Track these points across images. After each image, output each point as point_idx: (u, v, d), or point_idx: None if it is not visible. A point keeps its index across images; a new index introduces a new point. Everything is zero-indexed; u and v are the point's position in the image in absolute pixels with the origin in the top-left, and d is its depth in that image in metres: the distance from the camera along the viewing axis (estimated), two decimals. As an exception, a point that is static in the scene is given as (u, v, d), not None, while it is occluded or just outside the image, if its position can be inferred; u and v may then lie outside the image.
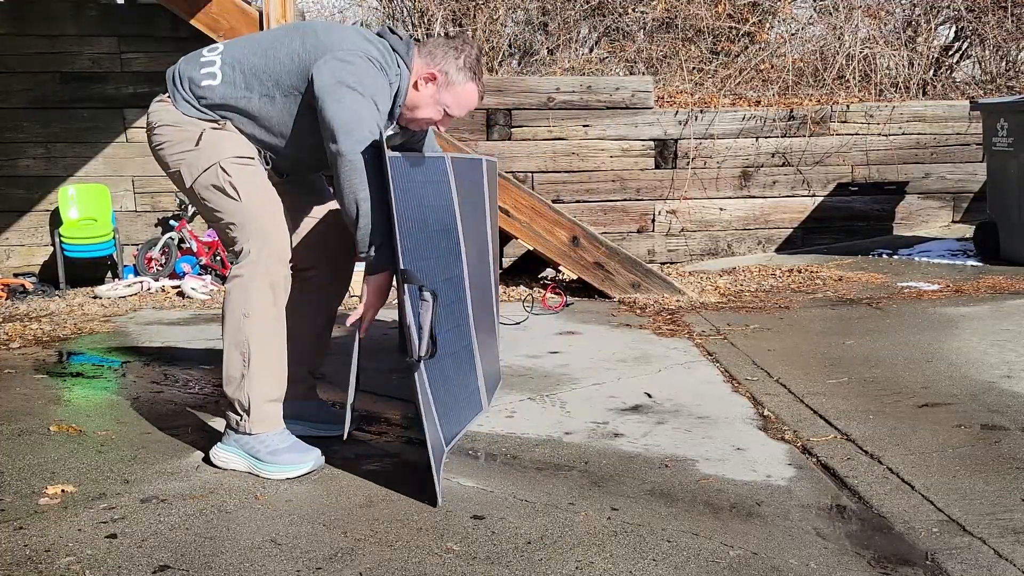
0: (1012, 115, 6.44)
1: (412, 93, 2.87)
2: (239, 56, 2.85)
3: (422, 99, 2.88)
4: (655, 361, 4.32)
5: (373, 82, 2.72)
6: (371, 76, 2.72)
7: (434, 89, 2.86)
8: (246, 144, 2.90)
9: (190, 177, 2.88)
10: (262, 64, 2.81)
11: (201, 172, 2.85)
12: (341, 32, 2.89)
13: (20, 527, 2.47)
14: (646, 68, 8.28)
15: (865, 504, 2.72)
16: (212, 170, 2.84)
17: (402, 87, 2.85)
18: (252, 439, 2.82)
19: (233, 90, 2.83)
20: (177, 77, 2.90)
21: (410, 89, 2.87)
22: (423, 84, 2.86)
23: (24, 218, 6.82)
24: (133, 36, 6.69)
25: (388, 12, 9.44)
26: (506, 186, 5.89)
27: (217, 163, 2.84)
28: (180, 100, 2.87)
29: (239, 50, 2.87)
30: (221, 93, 2.84)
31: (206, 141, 2.84)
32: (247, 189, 2.84)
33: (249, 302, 2.78)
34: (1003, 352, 4.25)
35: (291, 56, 2.79)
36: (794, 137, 7.35)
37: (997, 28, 8.46)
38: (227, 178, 2.83)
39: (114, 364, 4.33)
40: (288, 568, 2.25)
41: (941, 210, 7.63)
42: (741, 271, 6.69)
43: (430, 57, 2.86)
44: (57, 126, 6.73)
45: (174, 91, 2.89)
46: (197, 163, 2.86)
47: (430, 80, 2.85)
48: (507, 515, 2.58)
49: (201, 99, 2.85)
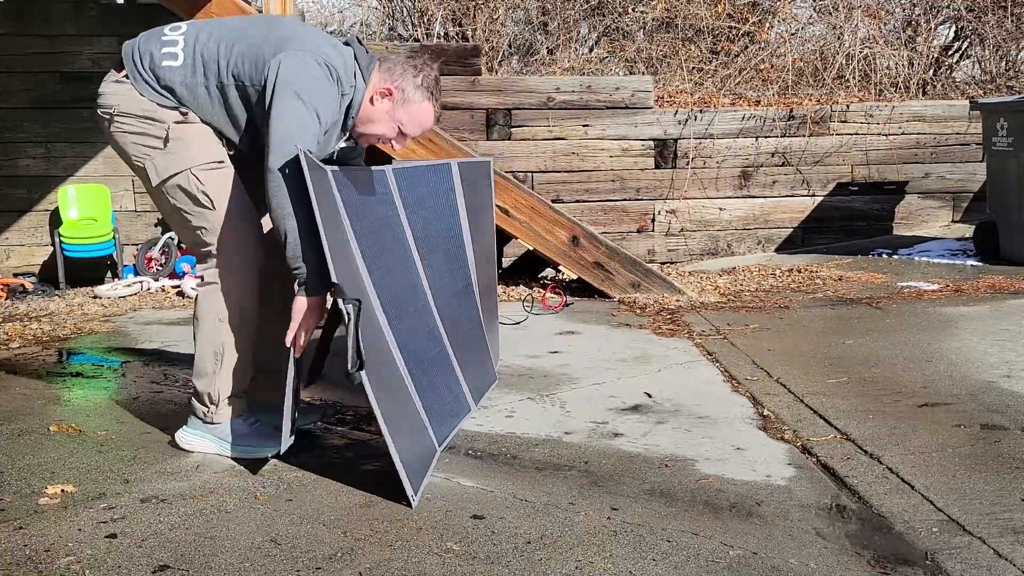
0: (1012, 115, 6.44)
1: (367, 107, 2.84)
2: (202, 39, 2.76)
3: (376, 114, 2.85)
4: (655, 361, 4.32)
5: (321, 91, 2.67)
6: (320, 84, 2.67)
7: (390, 105, 2.84)
8: (214, 142, 2.86)
9: (157, 178, 2.85)
10: (223, 51, 2.74)
11: (171, 176, 2.83)
12: (308, 31, 2.87)
13: (20, 527, 2.47)
14: (646, 68, 8.28)
15: (865, 504, 2.72)
16: (183, 175, 2.82)
17: (356, 99, 2.81)
18: (218, 426, 2.97)
19: (193, 75, 2.75)
20: (136, 54, 2.79)
21: (365, 103, 2.83)
22: (379, 99, 2.84)
23: (24, 218, 6.82)
24: (133, 36, 6.66)
25: (388, 12, 9.45)
26: (506, 186, 5.90)
27: (188, 170, 2.81)
28: (140, 80, 2.77)
29: (203, 32, 2.78)
30: (181, 76, 2.75)
31: (174, 140, 2.79)
32: (219, 196, 2.83)
33: (224, 307, 2.85)
34: (1003, 352, 4.26)
35: (252, 45, 2.72)
36: (794, 137, 7.35)
37: (997, 28, 8.46)
38: (200, 186, 2.82)
39: (114, 364, 4.33)
40: (288, 568, 2.25)
41: (941, 210, 7.63)
42: (741, 271, 6.69)
43: (389, 73, 2.83)
44: (57, 126, 6.73)
45: (133, 70, 2.78)
46: (166, 166, 2.83)
47: (386, 95, 2.83)
48: (507, 515, 2.58)
49: (160, 80, 2.76)
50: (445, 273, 3.50)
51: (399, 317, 2.99)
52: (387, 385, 2.76)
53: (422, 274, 3.28)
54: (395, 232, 3.12)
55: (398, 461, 2.59)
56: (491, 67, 8.17)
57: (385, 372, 2.77)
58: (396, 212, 3.17)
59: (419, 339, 3.12)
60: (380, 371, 2.70)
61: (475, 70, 6.85)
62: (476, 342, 3.72)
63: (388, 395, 2.73)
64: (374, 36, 9.09)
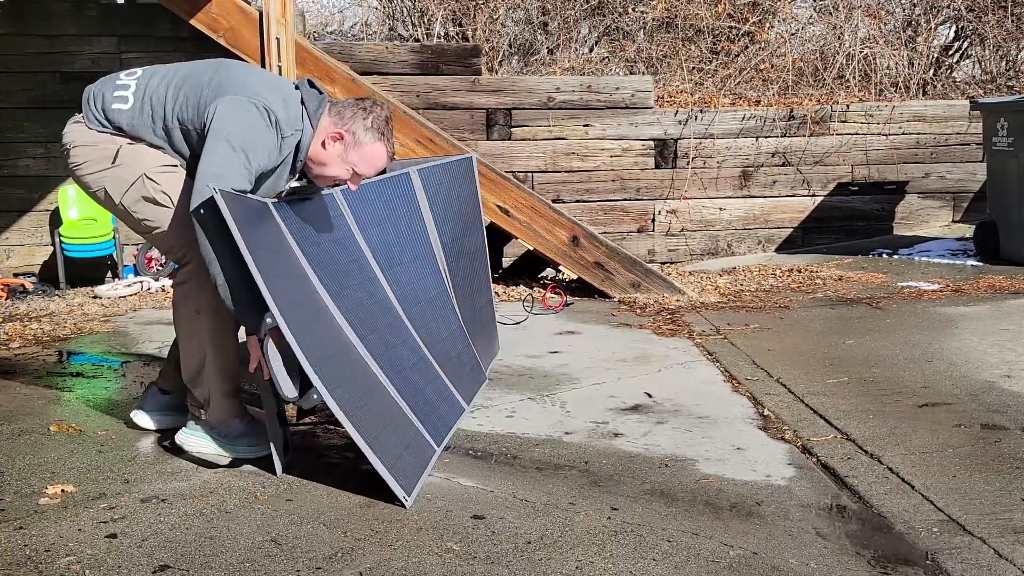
0: (1012, 115, 6.44)
1: (318, 151, 2.90)
2: (152, 84, 2.88)
3: (329, 157, 2.91)
4: (655, 361, 4.32)
5: (251, 134, 2.72)
6: (254, 129, 2.73)
7: (341, 148, 2.89)
8: (165, 154, 2.91)
9: (118, 193, 2.90)
10: (171, 95, 2.84)
11: (128, 187, 2.87)
12: (251, 75, 2.92)
13: (20, 527, 2.47)
14: (646, 68, 8.28)
15: (865, 504, 2.72)
16: (138, 183, 2.86)
17: (304, 141, 2.87)
18: (215, 426, 2.95)
19: (140, 117, 2.86)
20: (92, 97, 2.93)
21: (316, 146, 2.90)
22: (330, 143, 2.89)
23: (24, 218, 6.82)
24: (133, 36, 6.68)
25: (388, 12, 9.44)
26: (506, 186, 5.90)
27: (143, 174, 2.86)
28: (92, 119, 2.90)
29: (154, 78, 2.90)
30: (128, 118, 2.86)
31: (124, 155, 2.87)
32: (177, 193, 2.85)
33: (199, 300, 2.87)
34: (1003, 352, 4.26)
35: (195, 89, 2.82)
36: (794, 137, 7.35)
37: (997, 28, 8.45)
38: (156, 186, 2.86)
39: (114, 364, 4.33)
40: (288, 568, 2.25)
41: (941, 210, 7.63)
42: (741, 271, 6.68)
43: (339, 117, 2.89)
44: (57, 126, 6.57)
45: (87, 110, 2.92)
46: (121, 178, 2.88)
47: (337, 139, 2.89)
48: (507, 515, 2.58)
49: (110, 121, 2.88)
50: (414, 282, 3.55)
51: (372, 331, 3.03)
52: (361, 397, 2.76)
53: (387, 288, 3.32)
54: (351, 252, 3.17)
55: (379, 465, 2.60)
56: (491, 67, 8.17)
57: (357, 386, 2.79)
58: (350, 232, 3.22)
59: (395, 350, 3.17)
60: (346, 386, 2.71)
61: (475, 70, 6.85)
62: (457, 345, 3.74)
63: (364, 406, 2.75)
64: (374, 36, 9.09)
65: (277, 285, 2.59)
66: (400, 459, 2.72)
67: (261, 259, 2.55)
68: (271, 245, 2.71)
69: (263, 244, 2.63)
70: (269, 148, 2.78)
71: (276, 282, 2.59)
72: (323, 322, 2.81)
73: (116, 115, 2.86)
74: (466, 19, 8.56)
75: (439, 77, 6.76)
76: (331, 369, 2.66)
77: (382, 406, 2.85)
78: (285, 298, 2.60)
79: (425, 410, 3.06)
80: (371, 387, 2.86)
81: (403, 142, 5.88)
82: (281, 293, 2.59)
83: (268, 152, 2.78)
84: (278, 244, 2.76)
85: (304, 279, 2.82)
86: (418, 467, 2.79)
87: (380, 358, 2.98)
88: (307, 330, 2.66)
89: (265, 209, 2.75)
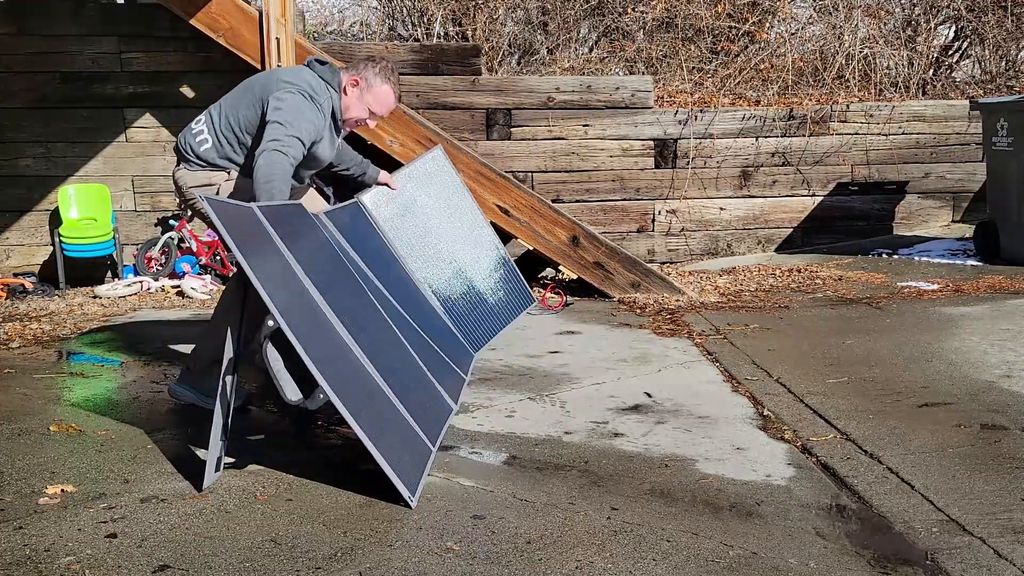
0: (1012, 115, 6.44)
1: (344, 99, 3.58)
2: (215, 120, 3.53)
3: (350, 101, 3.59)
4: (655, 361, 4.32)
5: (301, 118, 3.35)
6: (299, 109, 3.36)
7: (358, 92, 3.58)
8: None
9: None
10: (232, 120, 3.49)
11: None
12: (273, 74, 3.62)
13: (20, 527, 2.47)
14: (646, 68, 8.27)
15: (865, 504, 2.72)
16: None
17: (336, 104, 3.55)
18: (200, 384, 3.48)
19: (223, 147, 3.51)
20: (184, 146, 3.56)
21: (342, 96, 3.58)
22: (350, 89, 3.58)
23: (24, 218, 6.82)
24: (133, 36, 6.68)
25: (388, 12, 9.44)
26: (506, 186, 5.90)
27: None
28: (191, 163, 3.53)
29: (213, 115, 3.54)
30: (216, 151, 3.52)
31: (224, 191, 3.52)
32: None
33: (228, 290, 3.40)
34: (1003, 352, 4.26)
35: (245, 104, 3.46)
36: (794, 137, 7.35)
37: (997, 28, 8.45)
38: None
39: (114, 364, 4.33)
40: (288, 568, 2.25)
41: (941, 210, 7.63)
42: (741, 271, 6.68)
43: (354, 70, 3.61)
44: (57, 126, 6.72)
45: (184, 157, 3.55)
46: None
47: (354, 85, 3.58)
48: (507, 515, 2.58)
49: (206, 160, 3.52)
50: (382, 289, 3.67)
51: (361, 331, 3.04)
52: (359, 396, 2.77)
53: (367, 288, 3.46)
54: (330, 252, 3.43)
55: (386, 466, 2.59)
56: (491, 67, 8.17)
57: (355, 386, 2.79)
58: (329, 235, 3.56)
59: (384, 349, 3.19)
60: (347, 386, 2.71)
61: (475, 70, 6.85)
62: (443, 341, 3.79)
63: (365, 406, 2.74)
64: (374, 36, 9.09)
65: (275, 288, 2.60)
66: (402, 460, 2.72)
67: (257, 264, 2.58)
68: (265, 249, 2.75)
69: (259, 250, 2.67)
70: (313, 118, 3.41)
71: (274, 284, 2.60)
72: (319, 322, 2.81)
73: (207, 153, 3.50)
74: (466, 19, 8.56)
75: (439, 77, 6.76)
76: (333, 369, 2.66)
77: (381, 406, 2.85)
78: (282, 299, 2.60)
79: (419, 411, 3.06)
80: (369, 388, 2.86)
81: (403, 142, 5.89)
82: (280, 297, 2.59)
83: (314, 121, 3.41)
84: (269, 247, 2.81)
85: (299, 281, 2.83)
86: (418, 467, 2.79)
87: (374, 358, 2.98)
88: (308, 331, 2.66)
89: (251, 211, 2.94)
